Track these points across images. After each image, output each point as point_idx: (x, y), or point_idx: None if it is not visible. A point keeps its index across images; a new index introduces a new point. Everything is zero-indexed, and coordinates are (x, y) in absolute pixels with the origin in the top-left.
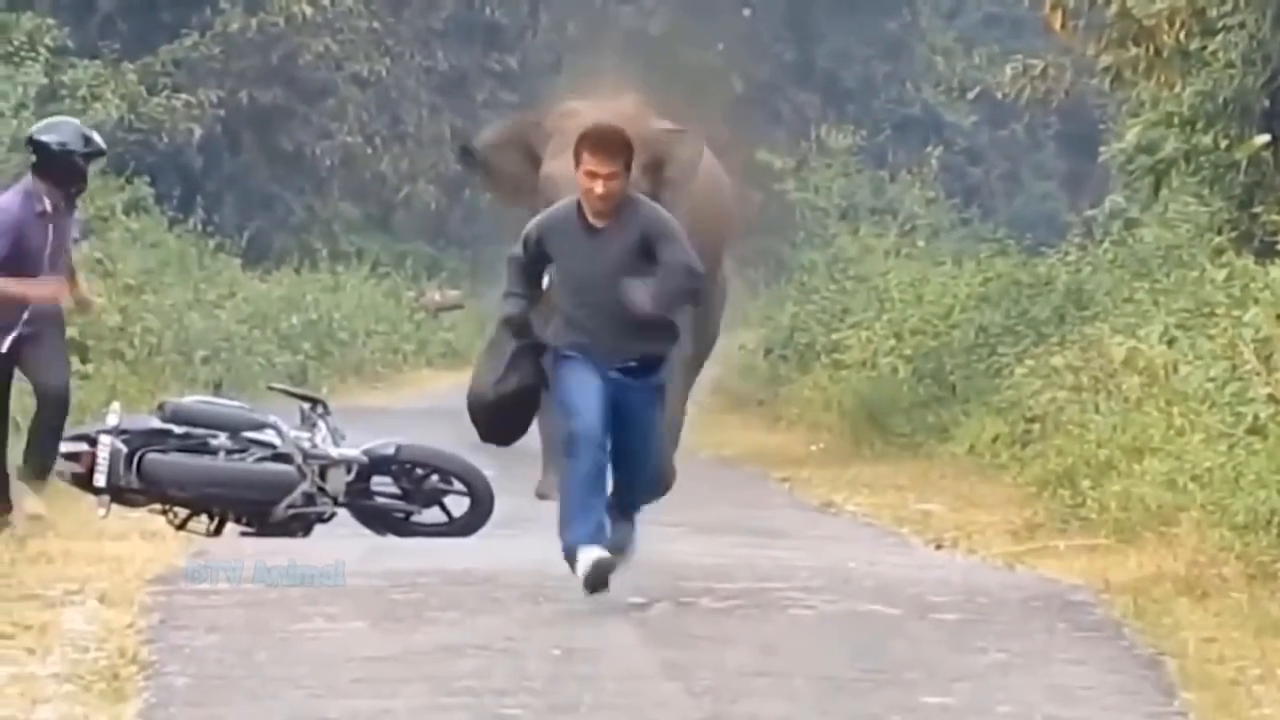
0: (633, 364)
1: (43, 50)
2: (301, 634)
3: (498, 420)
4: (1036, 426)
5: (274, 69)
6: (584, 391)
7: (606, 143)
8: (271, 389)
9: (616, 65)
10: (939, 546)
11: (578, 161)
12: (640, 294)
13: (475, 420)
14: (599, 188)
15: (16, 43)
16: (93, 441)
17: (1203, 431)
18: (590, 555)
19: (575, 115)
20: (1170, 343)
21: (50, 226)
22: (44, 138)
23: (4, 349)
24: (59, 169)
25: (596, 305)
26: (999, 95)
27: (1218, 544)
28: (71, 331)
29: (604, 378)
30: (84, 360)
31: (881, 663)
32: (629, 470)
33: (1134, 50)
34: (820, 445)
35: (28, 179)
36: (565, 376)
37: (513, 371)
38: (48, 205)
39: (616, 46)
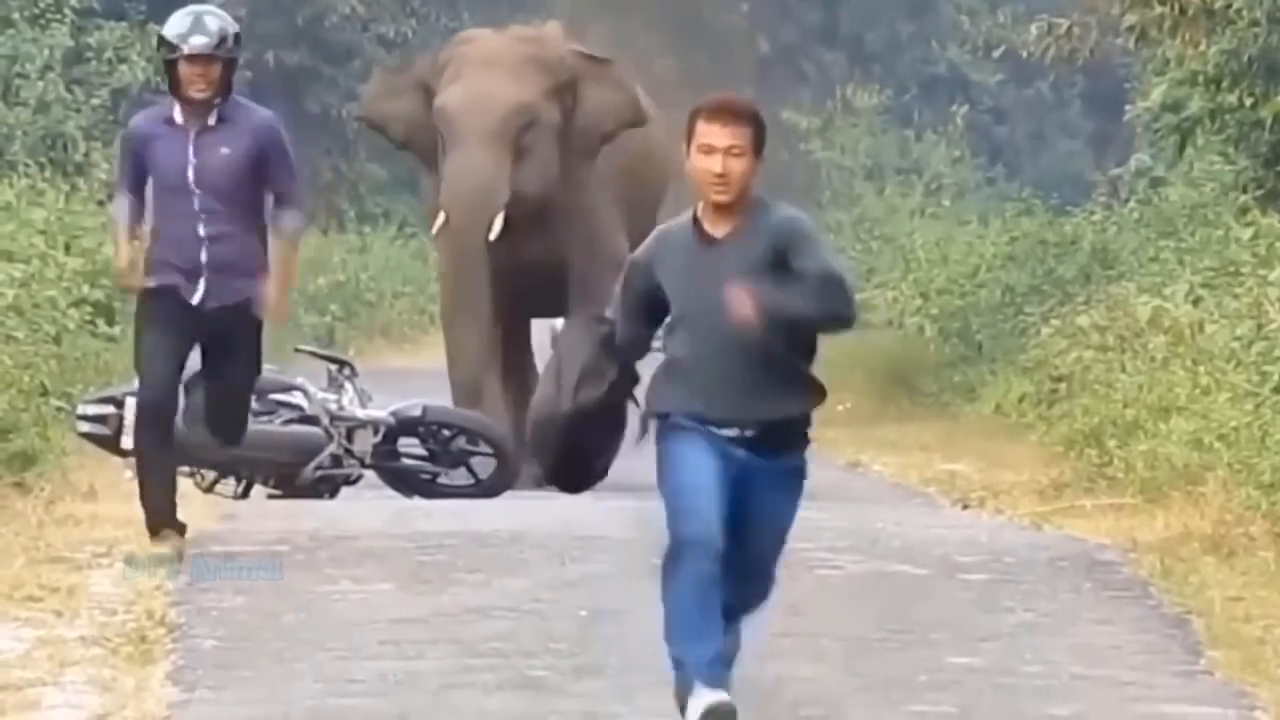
0: (760, 433)
1: (69, 12)
2: (328, 596)
3: (570, 444)
4: (1063, 386)
5: (300, 30)
6: (696, 481)
7: (728, 108)
8: (298, 351)
9: (642, 26)
10: (965, 506)
11: (689, 140)
12: (743, 298)
13: (540, 446)
14: (717, 164)
15: (43, 4)
16: (119, 404)
17: (1229, 390)
18: (705, 701)
19: (470, 41)
20: (1196, 302)
21: (190, 144)
22: (164, 33)
23: (195, 300)
24: (172, 69)
25: (710, 345)
26: (1024, 54)
27: (1244, 503)
28: (98, 293)
29: (723, 455)
30: (110, 323)
31: (908, 623)
32: (743, 575)
33: (1159, 8)
34: (846, 405)
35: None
36: (673, 456)
37: (600, 377)
38: (178, 116)
39: (642, 7)
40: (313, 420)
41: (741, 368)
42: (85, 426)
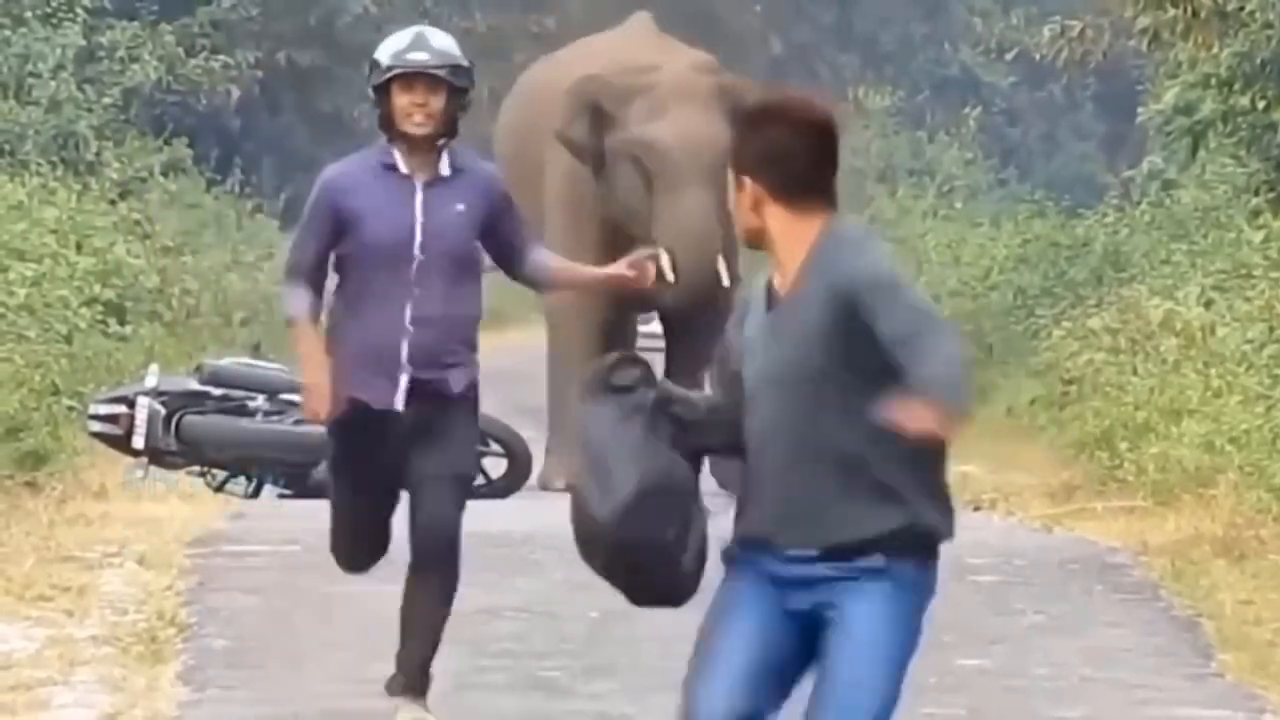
0: (822, 556)
1: (80, 11)
2: (340, 596)
3: (635, 554)
4: (1074, 388)
5: (312, 30)
6: (725, 640)
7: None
8: None
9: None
10: (977, 508)
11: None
12: (920, 413)
13: (607, 571)
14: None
15: (55, 4)
16: (131, 403)
17: (1240, 393)
18: None
19: (656, 70)
20: (1208, 304)
21: (417, 196)
22: (376, 55)
23: (396, 405)
24: (384, 99)
25: (767, 438)
26: (1037, 56)
27: (1255, 506)
28: (109, 293)
29: (772, 607)
30: (121, 322)
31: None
32: None
33: (1172, 11)
34: None
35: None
36: (714, 603)
37: (621, 461)
38: (400, 162)
39: (655, 7)
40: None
41: (797, 475)
42: (96, 426)
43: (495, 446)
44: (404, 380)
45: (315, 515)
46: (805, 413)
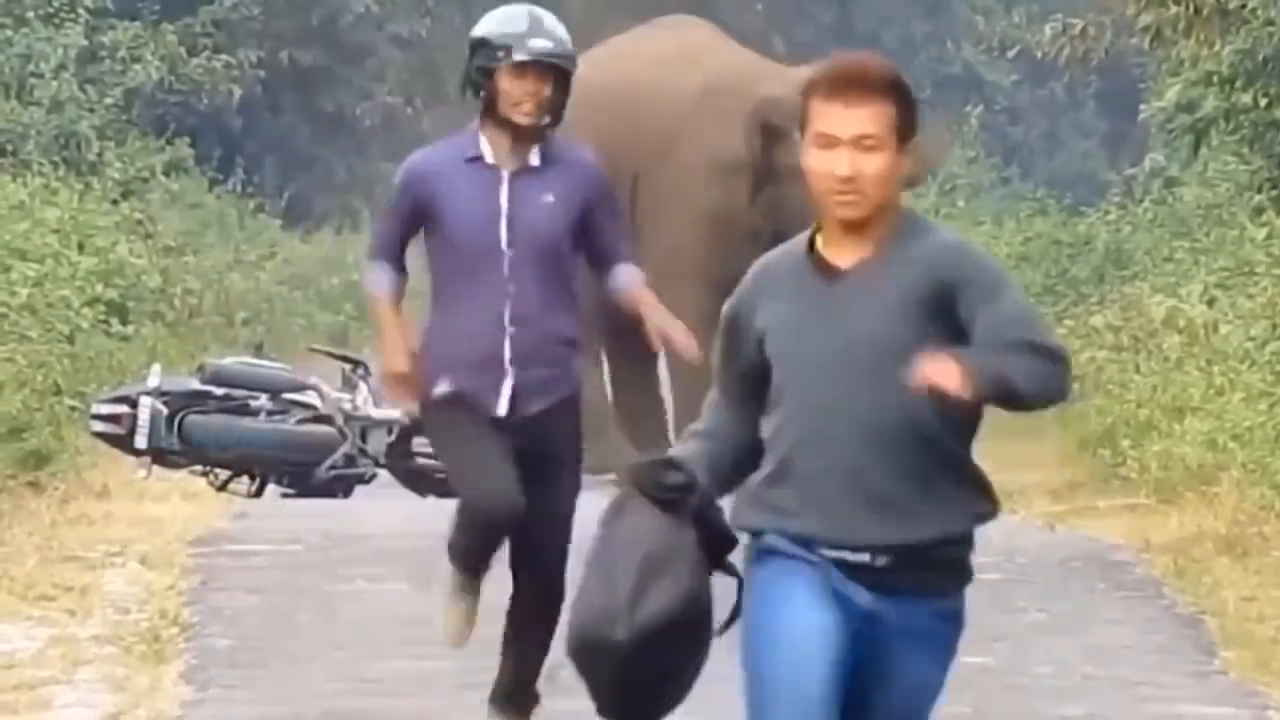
0: (894, 562)
1: (82, 11)
2: (343, 596)
3: (638, 676)
4: (1076, 386)
5: (314, 29)
6: (793, 648)
7: (856, 79)
8: (312, 350)
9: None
10: None
11: (803, 127)
12: (944, 368)
13: (594, 677)
14: (841, 164)
15: (56, 4)
16: (133, 403)
17: (1243, 390)
18: None
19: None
20: (1210, 302)
21: (503, 188)
22: (476, 32)
23: (500, 411)
24: (488, 84)
25: (826, 428)
26: (1039, 54)
27: (1258, 503)
28: (111, 293)
29: (840, 605)
30: (124, 322)
31: None
32: None
33: (1173, 9)
34: None
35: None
36: (764, 604)
37: (672, 567)
38: (487, 152)
39: (656, 6)
40: (327, 419)
41: (875, 463)
42: (99, 426)
43: None
44: (507, 385)
45: (318, 515)
46: (882, 392)
